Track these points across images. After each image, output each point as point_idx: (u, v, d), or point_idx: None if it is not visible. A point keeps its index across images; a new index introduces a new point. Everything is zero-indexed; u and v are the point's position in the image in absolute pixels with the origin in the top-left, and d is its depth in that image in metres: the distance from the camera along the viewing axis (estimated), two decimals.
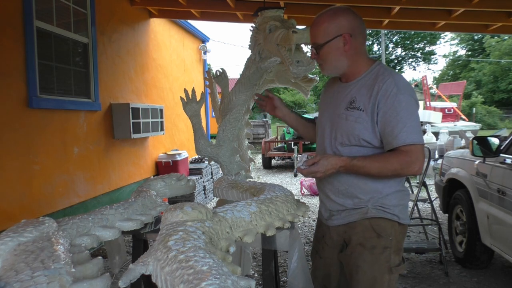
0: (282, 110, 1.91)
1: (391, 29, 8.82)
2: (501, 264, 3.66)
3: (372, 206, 1.57)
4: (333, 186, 1.64)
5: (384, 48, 29.06)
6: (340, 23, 1.53)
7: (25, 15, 3.29)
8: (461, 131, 8.35)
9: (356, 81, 1.59)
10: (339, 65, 1.58)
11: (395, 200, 1.58)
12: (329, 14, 1.56)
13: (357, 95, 1.55)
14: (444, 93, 19.19)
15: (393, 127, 1.46)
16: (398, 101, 1.46)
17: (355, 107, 1.54)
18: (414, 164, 1.46)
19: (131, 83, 5.26)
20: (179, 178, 2.24)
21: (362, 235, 1.58)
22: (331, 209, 1.67)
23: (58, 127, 3.74)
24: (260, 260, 3.25)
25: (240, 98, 2.58)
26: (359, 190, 1.58)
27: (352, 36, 1.53)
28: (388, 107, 1.46)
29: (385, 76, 1.51)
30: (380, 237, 1.56)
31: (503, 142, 3.16)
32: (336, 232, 1.67)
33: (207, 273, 0.86)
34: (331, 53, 1.55)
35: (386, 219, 1.57)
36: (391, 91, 1.47)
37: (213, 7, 5.41)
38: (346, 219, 1.62)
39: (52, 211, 3.57)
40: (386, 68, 1.58)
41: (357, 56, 1.57)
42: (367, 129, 1.51)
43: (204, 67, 8.88)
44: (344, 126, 1.57)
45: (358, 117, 1.52)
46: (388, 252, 1.57)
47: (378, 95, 1.48)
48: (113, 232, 1.59)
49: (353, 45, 1.54)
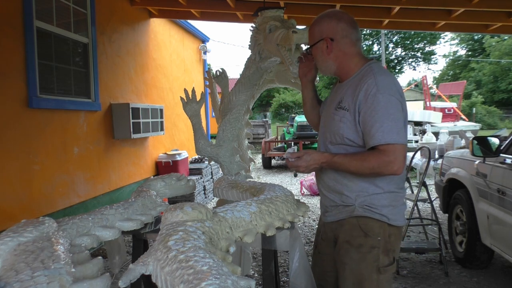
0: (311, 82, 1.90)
1: (391, 29, 8.82)
2: (501, 264, 3.66)
3: (359, 205, 1.59)
4: (324, 182, 1.70)
5: (384, 48, 29.05)
6: (322, 28, 1.64)
7: (25, 15, 3.29)
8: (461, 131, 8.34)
9: (347, 81, 1.64)
10: (327, 66, 1.67)
11: (385, 201, 1.59)
12: (317, 18, 1.67)
13: (345, 96, 1.60)
14: (444, 93, 19.19)
15: (371, 127, 1.48)
16: (377, 100, 1.48)
17: (341, 107, 1.60)
18: (392, 164, 1.46)
19: (131, 83, 5.26)
20: (179, 178, 2.24)
21: (349, 233, 1.61)
22: (326, 204, 1.72)
23: (58, 127, 3.74)
24: (260, 260, 3.25)
25: (240, 98, 2.59)
26: (345, 187, 1.61)
27: (334, 40, 1.61)
28: (368, 106, 1.50)
29: (368, 77, 1.54)
30: (367, 236, 1.58)
31: (503, 142, 3.16)
32: (329, 228, 1.72)
33: (207, 273, 0.86)
34: (318, 54, 1.67)
35: (373, 219, 1.58)
36: (371, 91, 1.50)
37: (213, 7, 5.41)
38: (336, 216, 1.66)
39: (52, 211, 3.57)
40: (374, 68, 1.58)
41: (345, 58, 1.63)
42: (350, 128, 1.56)
43: (204, 67, 8.88)
44: (332, 125, 1.63)
45: (343, 117, 1.58)
46: (376, 251, 1.57)
47: (359, 95, 1.52)
48: (113, 232, 1.59)
49: (337, 48, 1.61)
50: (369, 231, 1.58)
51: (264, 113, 27.70)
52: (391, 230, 1.61)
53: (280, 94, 31.12)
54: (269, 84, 2.77)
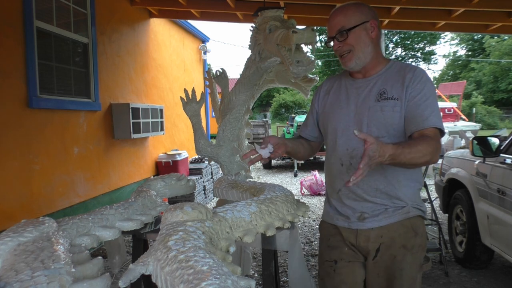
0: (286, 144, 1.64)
1: (391, 29, 8.82)
2: (501, 264, 3.66)
3: (412, 205, 1.53)
4: (368, 185, 1.51)
5: (384, 48, 29.04)
6: (366, 11, 1.55)
7: (25, 15, 3.29)
8: (461, 131, 8.35)
9: (378, 74, 1.56)
10: (366, 52, 1.53)
11: (418, 195, 1.59)
12: (354, 3, 1.57)
13: (386, 87, 1.51)
14: (444, 93, 19.18)
15: (424, 110, 1.44)
16: (428, 87, 1.47)
17: (388, 97, 1.49)
18: (438, 151, 1.41)
19: (131, 83, 5.26)
20: (179, 178, 2.24)
21: (404, 236, 1.51)
22: (364, 210, 1.54)
23: (58, 127, 3.74)
24: (260, 260, 3.25)
25: (240, 98, 2.59)
26: (398, 188, 1.51)
27: (377, 25, 1.55)
28: (418, 91, 1.46)
29: (412, 67, 1.53)
30: (417, 236, 1.53)
31: (503, 142, 3.16)
32: (367, 235, 1.54)
33: (207, 273, 0.86)
34: (361, 37, 1.51)
35: (420, 217, 1.56)
36: (421, 78, 1.48)
37: (213, 7, 5.41)
38: (383, 221, 1.52)
39: (52, 211, 3.57)
40: (407, 63, 1.61)
41: (378, 48, 1.58)
42: (402, 117, 1.48)
43: (204, 67, 8.88)
44: (380, 118, 1.49)
45: (395, 106, 1.48)
46: (421, 249, 1.55)
47: (410, 81, 1.48)
48: (113, 232, 1.59)
49: (377, 34, 1.56)
50: (418, 230, 1.54)
51: (264, 113, 27.68)
52: (424, 223, 1.60)
53: (280, 94, 31.11)
54: (269, 84, 2.77)
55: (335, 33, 1.53)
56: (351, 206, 1.56)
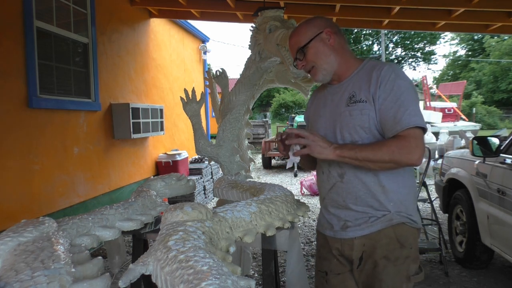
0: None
1: (391, 29, 8.81)
2: (501, 264, 3.66)
3: (395, 211, 1.46)
4: (350, 194, 1.50)
5: (384, 48, 29.07)
6: (317, 23, 1.54)
7: (25, 15, 3.29)
8: (461, 131, 8.34)
9: (350, 78, 1.54)
10: (330, 61, 1.52)
11: (412, 202, 1.51)
12: (305, 20, 1.58)
13: (356, 90, 1.49)
14: (444, 93, 19.20)
15: (395, 112, 1.38)
16: (398, 85, 1.41)
17: (356, 100, 1.47)
18: (414, 151, 1.35)
19: (131, 83, 5.26)
20: (179, 178, 2.24)
21: (386, 247, 1.46)
22: (347, 219, 1.51)
23: (58, 127, 3.74)
24: (260, 260, 3.25)
25: (240, 98, 2.59)
26: (382, 194, 1.47)
27: (333, 32, 1.52)
28: (388, 93, 1.41)
29: (381, 65, 1.47)
30: (402, 247, 1.47)
31: (503, 142, 3.16)
32: (350, 244, 1.51)
33: (207, 273, 0.86)
34: (319, 49, 1.51)
35: (408, 226, 1.48)
36: (389, 77, 1.42)
37: (213, 7, 5.41)
38: (365, 230, 1.48)
39: (52, 211, 3.57)
40: (378, 61, 1.55)
41: (345, 53, 1.54)
42: (374, 118, 1.44)
43: (204, 67, 8.88)
44: (350, 123, 1.47)
45: (363, 109, 1.45)
46: (408, 261, 1.48)
47: (377, 82, 1.43)
48: (113, 232, 1.59)
49: (337, 40, 1.52)
50: (405, 242, 1.47)
51: (264, 113, 27.68)
52: (416, 235, 1.52)
53: (280, 94, 31.10)
54: (269, 84, 2.77)
55: (295, 54, 1.56)
56: (336, 214, 1.55)
